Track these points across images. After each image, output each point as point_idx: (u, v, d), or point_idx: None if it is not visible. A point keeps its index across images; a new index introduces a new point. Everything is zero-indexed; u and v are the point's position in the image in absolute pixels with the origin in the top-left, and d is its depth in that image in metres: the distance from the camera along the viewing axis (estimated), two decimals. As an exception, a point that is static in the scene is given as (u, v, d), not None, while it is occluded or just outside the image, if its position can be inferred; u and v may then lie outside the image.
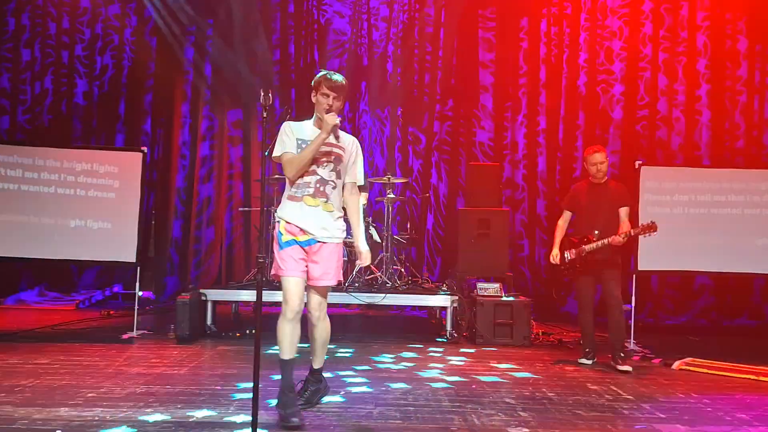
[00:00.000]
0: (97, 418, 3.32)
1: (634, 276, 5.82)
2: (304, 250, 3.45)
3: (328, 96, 3.45)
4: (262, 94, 2.79)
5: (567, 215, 5.18)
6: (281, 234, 3.45)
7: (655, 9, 8.24)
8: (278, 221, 3.50)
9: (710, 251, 6.11)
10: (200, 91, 8.38)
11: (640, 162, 6.07)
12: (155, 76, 8.32)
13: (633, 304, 5.78)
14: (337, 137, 3.52)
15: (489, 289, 6.06)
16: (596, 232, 4.87)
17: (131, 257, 5.81)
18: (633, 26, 8.29)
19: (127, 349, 5.15)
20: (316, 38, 8.49)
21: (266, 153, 3.21)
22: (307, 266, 3.46)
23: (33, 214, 5.83)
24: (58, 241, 5.89)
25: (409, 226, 7.34)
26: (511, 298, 5.94)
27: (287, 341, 3.38)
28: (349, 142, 3.62)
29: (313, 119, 3.59)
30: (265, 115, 2.78)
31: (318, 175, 3.47)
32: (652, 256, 5.85)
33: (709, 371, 4.84)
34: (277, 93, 8.28)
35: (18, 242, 5.84)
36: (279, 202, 3.64)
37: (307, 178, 3.46)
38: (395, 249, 6.81)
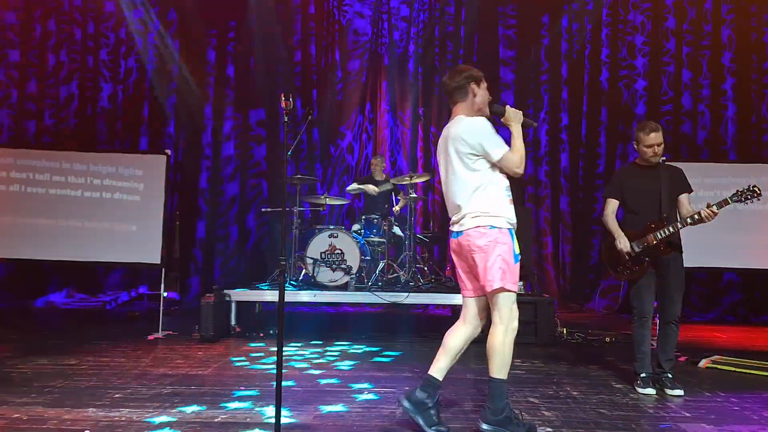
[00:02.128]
0: (124, 419, 3.38)
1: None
2: None
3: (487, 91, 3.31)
4: (283, 98, 2.79)
5: (614, 205, 4.25)
6: (515, 243, 3.14)
7: (678, 3, 8.13)
8: (508, 229, 3.13)
9: (737, 247, 6.03)
10: (223, 92, 8.46)
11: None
12: (178, 79, 8.43)
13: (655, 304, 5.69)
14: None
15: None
16: (664, 215, 4.06)
17: (156, 259, 5.91)
18: (656, 21, 8.18)
19: (152, 350, 5.23)
20: (336, 39, 8.53)
21: (289, 153, 3.22)
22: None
23: (60, 217, 5.97)
24: (85, 243, 6.02)
25: (431, 224, 7.33)
26: (534, 297, 5.90)
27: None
28: None
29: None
30: (286, 119, 2.79)
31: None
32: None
33: (737, 369, 4.76)
34: (298, 94, 8.34)
35: (46, 245, 5.99)
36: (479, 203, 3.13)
37: (508, 179, 3.21)
38: (418, 248, 6.81)
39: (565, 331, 6.09)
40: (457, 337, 3.42)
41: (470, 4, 8.38)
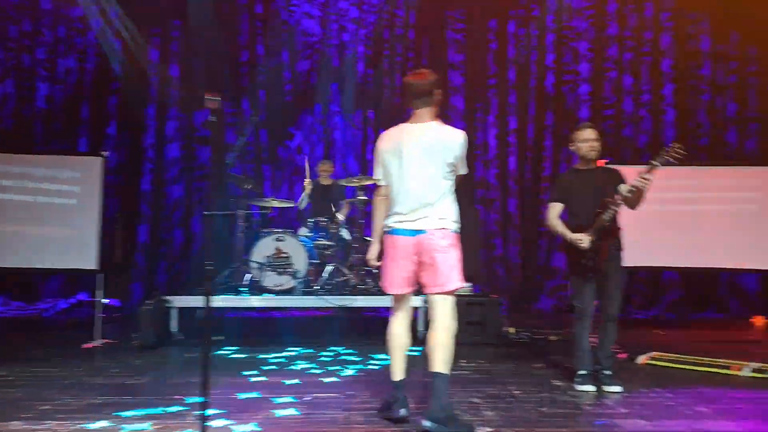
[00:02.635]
0: (49, 431, 3.23)
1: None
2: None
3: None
4: (207, 97, 2.69)
5: (558, 208, 4.35)
6: None
7: (620, 10, 8.36)
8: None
9: (677, 247, 6.20)
10: (166, 92, 8.26)
11: (607, 161, 6.11)
12: (119, 79, 8.18)
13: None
14: None
15: (461, 288, 6.03)
16: (608, 199, 4.11)
17: (92, 264, 5.70)
18: (599, 27, 8.38)
19: (88, 359, 5.03)
20: (285, 39, 8.43)
21: (231, 156, 3.15)
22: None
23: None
24: (19, 249, 5.77)
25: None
26: (481, 297, 5.93)
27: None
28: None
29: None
30: (213, 119, 2.70)
31: None
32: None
33: (674, 365, 4.88)
34: (246, 95, 8.20)
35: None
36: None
37: None
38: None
39: (512, 331, 6.15)
40: (407, 332, 3.66)
41: (419, 7, 8.42)
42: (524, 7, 8.43)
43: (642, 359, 5.03)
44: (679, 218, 6.17)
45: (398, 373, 3.53)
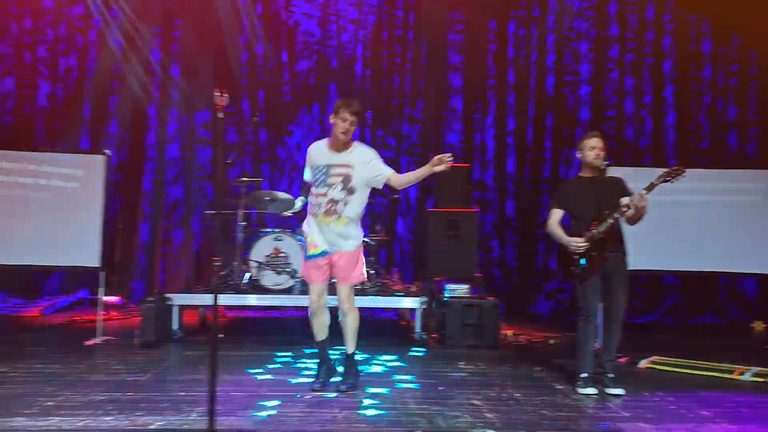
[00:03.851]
0: (53, 427, 3.23)
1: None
2: (324, 259, 4.06)
3: (345, 120, 3.95)
4: (216, 93, 2.72)
5: (558, 215, 4.39)
6: (307, 247, 4.12)
7: (621, 11, 8.35)
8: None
9: (677, 251, 6.21)
10: (167, 92, 8.25)
11: (607, 162, 6.12)
12: (121, 78, 8.17)
13: (601, 303, 5.82)
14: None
15: (457, 290, 6.05)
16: (606, 212, 4.15)
17: (94, 262, 5.70)
18: (600, 28, 8.39)
19: (89, 356, 5.03)
20: (284, 40, 8.43)
21: (232, 155, 3.18)
22: (329, 271, 4.11)
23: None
24: (21, 246, 5.76)
25: (378, 228, 7.31)
26: (479, 300, 5.94)
27: (315, 328, 4.18)
28: (356, 157, 4.01)
29: (326, 140, 4.11)
30: (220, 116, 2.72)
31: (328, 196, 3.96)
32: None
33: (675, 369, 4.91)
34: (245, 94, 8.20)
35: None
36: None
37: (319, 200, 3.99)
38: (365, 251, 6.76)
39: (509, 334, 6.17)
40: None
41: (419, 8, 8.40)
42: (525, 7, 8.42)
43: (643, 363, 5.05)
44: (679, 222, 6.17)
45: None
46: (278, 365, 4.83)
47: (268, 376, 4.47)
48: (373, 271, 6.65)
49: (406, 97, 8.45)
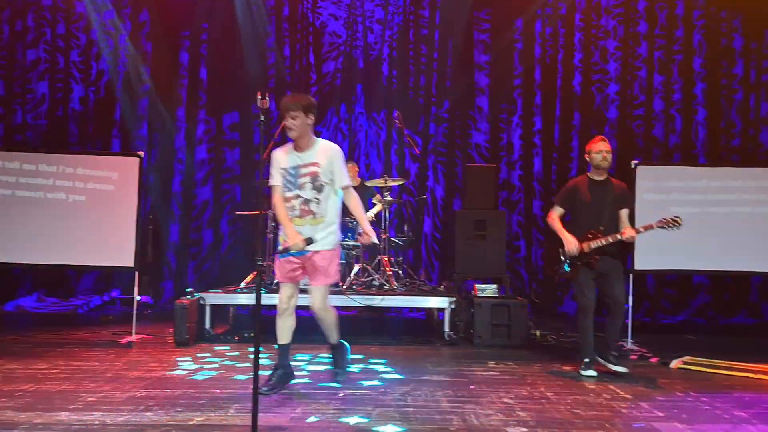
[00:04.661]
0: (97, 422, 3.32)
1: (630, 275, 5.84)
2: (298, 258, 3.94)
3: (289, 119, 3.88)
4: (259, 97, 2.78)
5: (560, 211, 4.81)
6: (280, 245, 3.96)
7: (650, 8, 8.28)
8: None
9: (707, 250, 6.13)
10: (196, 94, 8.38)
11: (636, 162, 6.09)
12: (151, 81, 8.32)
13: (630, 303, 5.80)
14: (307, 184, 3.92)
15: (486, 290, 6.06)
16: (601, 228, 4.58)
17: (129, 262, 5.81)
18: (627, 25, 8.32)
19: (126, 354, 5.15)
20: (311, 41, 8.50)
21: (264, 156, 3.22)
22: (302, 272, 4.01)
23: (31, 220, 5.83)
24: (56, 246, 5.88)
25: (406, 228, 7.35)
26: (508, 300, 5.95)
27: (281, 331, 4.06)
28: (320, 154, 3.94)
29: (290, 143, 4.03)
30: (262, 119, 2.78)
31: (301, 197, 3.92)
32: (648, 256, 5.88)
33: (707, 370, 4.86)
34: (272, 96, 8.26)
35: (16, 248, 5.84)
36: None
37: (292, 202, 3.94)
38: (392, 251, 6.82)
39: (538, 333, 6.15)
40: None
41: (444, 7, 8.43)
42: (552, 5, 8.39)
43: (675, 364, 5.01)
44: (710, 220, 6.09)
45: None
46: (313, 364, 4.89)
47: (299, 374, 4.51)
48: (401, 271, 6.70)
49: (432, 97, 8.48)
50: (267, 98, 2.87)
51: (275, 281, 6.11)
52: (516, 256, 8.29)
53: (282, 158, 4.01)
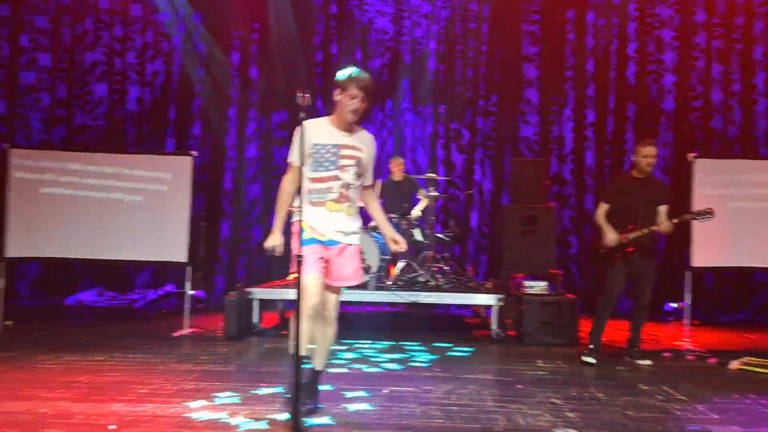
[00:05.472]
0: (147, 414, 3.43)
1: (688, 273, 5.63)
2: (325, 249, 3.35)
3: (355, 97, 3.31)
4: (300, 94, 2.78)
5: (606, 207, 4.97)
6: (303, 231, 3.28)
7: (707, -5, 7.95)
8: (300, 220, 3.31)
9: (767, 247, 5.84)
10: (246, 94, 8.53)
11: (694, 155, 5.86)
12: (203, 81, 8.52)
13: (688, 301, 5.60)
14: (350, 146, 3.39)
15: (535, 287, 5.94)
16: (640, 222, 4.75)
17: (182, 257, 5.99)
18: (684, 14, 8.01)
19: (178, 347, 5.30)
20: (358, 38, 8.52)
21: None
22: (326, 266, 3.36)
23: (90, 217, 6.08)
24: (114, 243, 6.12)
25: (452, 223, 7.29)
26: (558, 297, 5.82)
27: (309, 335, 3.27)
28: (366, 142, 3.47)
29: (328, 118, 3.48)
30: (303, 115, 2.79)
31: (341, 179, 3.35)
32: (707, 252, 5.66)
33: (768, 371, 4.64)
34: (320, 94, 8.33)
35: (78, 245, 6.10)
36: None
37: (330, 183, 3.35)
38: (438, 247, 6.77)
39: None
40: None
41: (493, 1, 8.30)
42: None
43: (734, 364, 4.80)
44: (768, 216, 5.81)
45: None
46: (355, 359, 4.91)
47: (344, 370, 4.54)
48: (447, 267, 6.65)
49: (480, 90, 8.36)
50: (308, 95, 2.83)
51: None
52: (567, 252, 8.11)
53: (316, 132, 3.37)
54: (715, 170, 5.88)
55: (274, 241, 3.33)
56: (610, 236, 4.79)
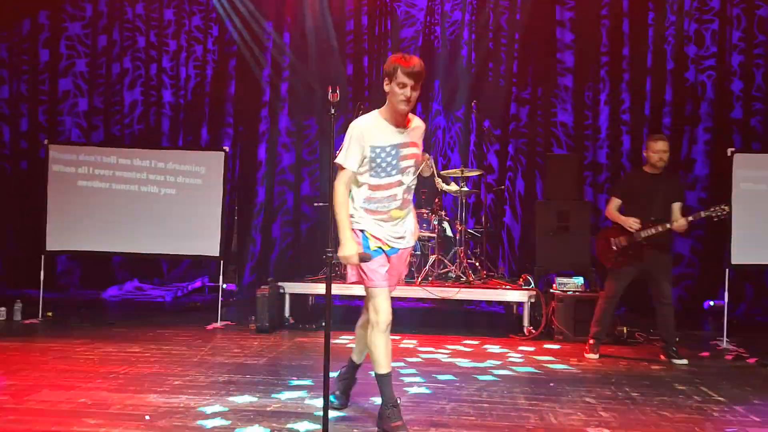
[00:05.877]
0: (182, 405, 3.49)
1: (727, 270, 5.48)
2: (389, 258, 3.18)
3: (405, 86, 2.94)
4: (330, 91, 2.75)
5: (617, 203, 4.92)
6: (367, 239, 3.10)
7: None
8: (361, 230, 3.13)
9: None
10: (278, 94, 8.57)
11: (733, 150, 5.68)
12: (236, 84, 8.58)
13: (726, 300, 5.45)
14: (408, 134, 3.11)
15: (569, 284, 5.84)
16: (653, 219, 4.69)
17: (215, 251, 6.08)
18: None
19: (211, 339, 5.38)
20: (389, 28, 8.44)
21: (338, 151, 3.15)
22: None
23: (127, 211, 6.21)
24: (150, 236, 6.24)
25: (484, 219, 7.22)
26: (592, 294, 5.71)
27: (384, 354, 3.09)
28: (420, 134, 3.19)
29: (380, 113, 3.10)
30: (333, 112, 2.77)
31: (404, 184, 3.11)
32: (747, 250, 5.48)
33: (813, 373, 4.49)
34: (350, 102, 8.19)
35: (114, 238, 6.24)
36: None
37: (394, 190, 3.09)
38: (470, 243, 6.72)
39: (625, 330, 5.86)
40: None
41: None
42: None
43: (775, 364, 4.66)
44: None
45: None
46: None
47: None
48: (478, 263, 6.59)
49: (513, 77, 8.20)
50: (337, 92, 2.76)
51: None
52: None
53: (373, 133, 3.03)
54: (756, 164, 5.70)
55: (350, 249, 3.00)
56: (632, 222, 4.71)
